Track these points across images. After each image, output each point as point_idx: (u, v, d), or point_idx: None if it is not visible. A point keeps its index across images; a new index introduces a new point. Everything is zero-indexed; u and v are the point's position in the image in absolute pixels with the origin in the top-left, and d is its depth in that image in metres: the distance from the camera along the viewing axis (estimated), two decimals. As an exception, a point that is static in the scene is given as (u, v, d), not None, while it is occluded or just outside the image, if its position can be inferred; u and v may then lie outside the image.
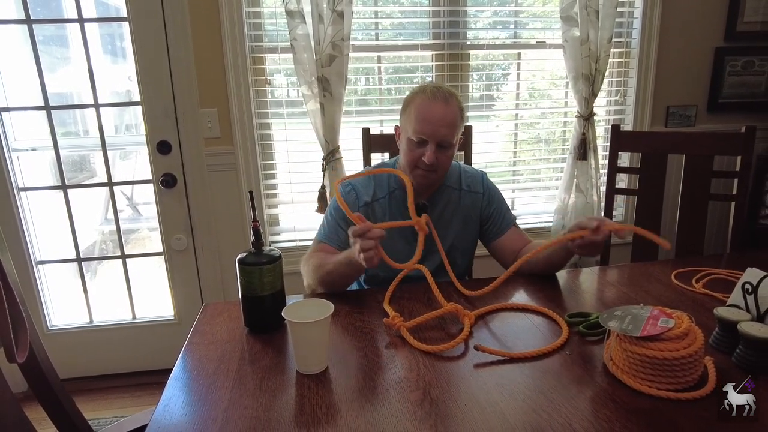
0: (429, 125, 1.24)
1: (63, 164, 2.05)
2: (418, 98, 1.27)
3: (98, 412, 2.08)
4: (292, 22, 1.88)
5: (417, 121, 1.25)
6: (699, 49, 2.33)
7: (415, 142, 1.26)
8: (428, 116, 1.24)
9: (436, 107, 1.24)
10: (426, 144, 1.26)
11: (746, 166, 1.62)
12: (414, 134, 1.26)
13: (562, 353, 0.98)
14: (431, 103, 1.24)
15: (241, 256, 1.06)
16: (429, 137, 1.25)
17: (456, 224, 1.40)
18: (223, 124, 2.06)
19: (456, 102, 1.27)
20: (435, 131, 1.24)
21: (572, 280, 1.35)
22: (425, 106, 1.25)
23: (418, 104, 1.26)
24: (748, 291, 0.95)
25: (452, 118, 1.26)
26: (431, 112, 1.24)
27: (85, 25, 1.91)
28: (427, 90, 1.27)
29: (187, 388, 0.92)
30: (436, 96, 1.25)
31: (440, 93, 1.26)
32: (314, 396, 0.87)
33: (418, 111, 1.25)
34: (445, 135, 1.25)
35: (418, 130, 1.25)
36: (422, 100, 1.26)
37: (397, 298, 1.23)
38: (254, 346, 1.05)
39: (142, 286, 2.27)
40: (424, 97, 1.26)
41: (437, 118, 1.24)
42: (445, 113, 1.25)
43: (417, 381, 0.90)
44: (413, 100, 1.28)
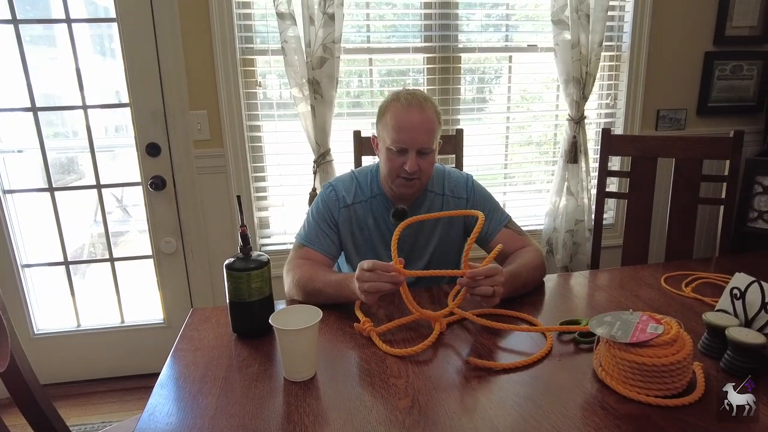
0: (407, 133, 1.22)
1: (51, 166, 2.02)
2: (392, 107, 1.25)
3: (86, 417, 2.06)
4: (282, 24, 1.87)
5: (394, 131, 1.23)
6: (689, 53, 2.35)
7: (394, 151, 1.25)
8: (405, 124, 1.22)
9: (412, 114, 1.23)
10: (406, 152, 1.24)
11: (735, 170, 1.63)
12: (393, 144, 1.24)
13: (552, 359, 0.97)
14: (407, 110, 1.23)
15: (229, 261, 1.05)
16: (408, 145, 1.23)
17: (439, 230, 1.39)
18: (213, 126, 2.04)
19: (431, 106, 1.26)
20: (414, 139, 1.23)
21: (562, 284, 1.35)
22: (401, 114, 1.23)
23: (394, 113, 1.24)
24: (736, 296, 0.95)
25: (429, 123, 1.24)
26: (408, 120, 1.22)
27: (73, 26, 1.89)
28: (401, 97, 1.25)
29: (174, 396, 0.90)
30: (411, 103, 1.23)
31: (415, 100, 1.24)
32: (302, 404, 0.86)
33: (394, 120, 1.23)
34: (424, 142, 1.24)
35: (396, 139, 1.23)
36: (397, 108, 1.24)
37: (387, 303, 1.22)
38: (242, 352, 1.04)
39: (131, 289, 2.24)
40: (398, 105, 1.24)
41: (414, 125, 1.22)
42: (422, 119, 1.23)
43: (406, 388, 0.89)
44: (388, 109, 1.26)
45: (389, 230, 1.35)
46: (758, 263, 1.46)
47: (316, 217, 1.36)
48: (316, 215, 1.36)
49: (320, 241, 1.33)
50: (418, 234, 1.38)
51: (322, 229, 1.34)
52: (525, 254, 1.30)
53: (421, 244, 1.39)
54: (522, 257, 1.28)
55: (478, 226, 1.09)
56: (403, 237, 1.36)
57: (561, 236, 2.29)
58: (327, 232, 1.34)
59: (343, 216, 1.35)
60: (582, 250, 2.31)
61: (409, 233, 1.37)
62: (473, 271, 1.06)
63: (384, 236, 1.36)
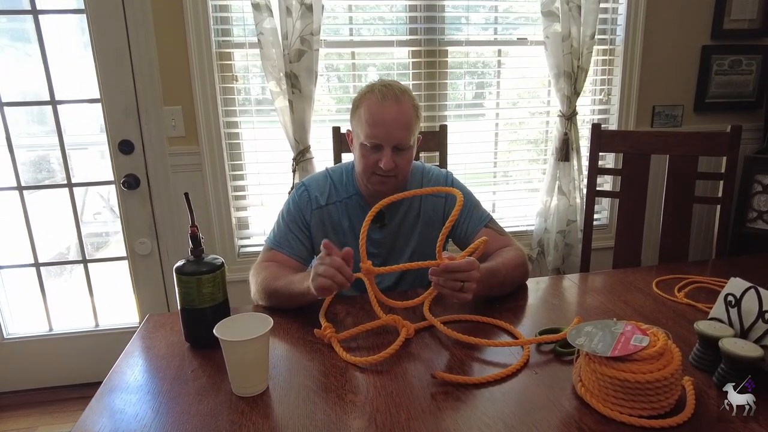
0: (381, 128, 1.14)
1: (25, 165, 1.94)
2: (366, 99, 1.16)
3: (57, 426, 1.97)
4: (258, 15, 1.79)
5: (369, 125, 1.14)
6: (685, 47, 2.26)
7: (369, 147, 1.16)
8: (380, 118, 1.14)
9: (388, 108, 1.14)
10: (381, 149, 1.15)
11: (732, 168, 1.54)
12: (366, 139, 1.15)
13: (528, 373, 0.88)
14: (382, 103, 1.14)
15: (179, 264, 0.97)
16: (383, 141, 1.15)
17: (418, 230, 1.31)
18: (188, 122, 1.96)
19: (409, 99, 1.18)
20: (389, 134, 1.14)
21: (546, 288, 1.26)
22: (375, 107, 1.14)
23: (368, 106, 1.15)
24: (731, 304, 0.86)
25: (406, 118, 1.16)
26: (383, 113, 1.14)
27: (40, 18, 1.81)
28: (375, 89, 1.16)
29: (109, 411, 0.82)
30: (386, 96, 1.14)
31: (390, 92, 1.15)
32: (246, 422, 0.77)
33: (369, 113, 1.14)
34: (401, 138, 1.15)
35: (370, 134, 1.14)
36: (371, 101, 1.15)
37: (357, 309, 1.14)
38: (192, 362, 0.95)
39: (106, 292, 2.16)
40: (372, 97, 1.15)
41: (390, 119, 1.14)
42: (399, 113, 1.14)
43: (363, 406, 0.80)
44: (362, 102, 1.17)
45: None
46: (757, 266, 1.37)
47: (286, 219, 1.28)
48: (286, 217, 1.28)
49: (290, 244, 1.25)
50: (396, 236, 1.30)
51: (293, 232, 1.26)
52: (505, 252, 1.21)
53: (399, 246, 1.31)
54: (502, 255, 1.20)
55: (456, 208, 1.00)
56: (382, 240, 1.29)
57: (552, 237, 2.20)
58: (297, 234, 1.26)
59: (316, 218, 1.27)
60: (574, 251, 2.22)
61: (388, 235, 1.29)
62: (447, 264, 0.98)
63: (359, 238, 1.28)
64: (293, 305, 1.12)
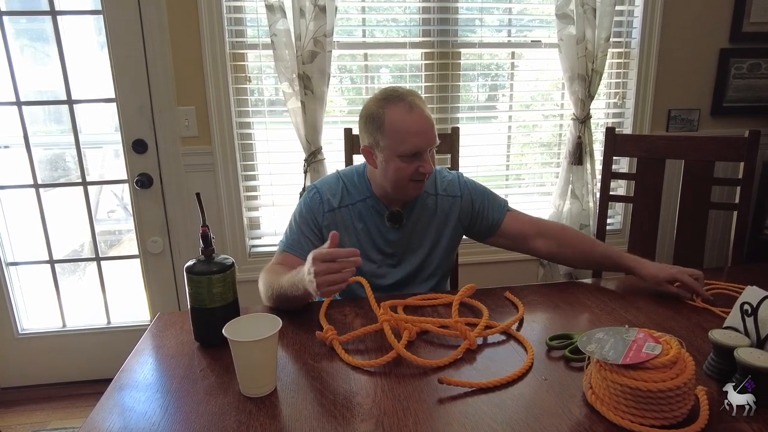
0: (422, 136, 1.16)
1: (42, 163, 1.97)
2: (391, 112, 1.16)
3: (69, 421, 2.00)
4: (272, 16, 1.80)
5: (411, 136, 1.15)
6: (702, 50, 2.22)
7: (408, 157, 1.17)
8: (419, 128, 1.16)
9: (418, 115, 1.16)
10: (419, 155, 1.18)
11: (750, 173, 1.51)
12: (410, 150, 1.16)
13: (537, 379, 0.87)
14: (411, 114, 1.16)
15: (189, 264, 0.97)
16: (425, 147, 1.18)
17: (433, 230, 1.32)
18: (201, 122, 1.97)
19: (424, 102, 1.21)
20: (429, 139, 1.18)
21: (558, 294, 1.24)
22: (408, 118, 1.16)
23: (399, 118, 1.16)
24: (747, 313, 0.85)
25: (432, 120, 1.20)
26: (419, 122, 1.16)
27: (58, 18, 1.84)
28: (393, 100, 1.17)
29: (118, 409, 0.82)
30: (412, 105, 1.17)
31: (411, 99, 1.17)
32: (254, 423, 0.77)
33: (404, 126, 1.15)
34: (435, 139, 1.20)
35: (414, 144, 1.16)
36: (400, 113, 1.16)
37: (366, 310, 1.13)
38: (201, 362, 0.96)
39: (118, 289, 2.18)
40: (397, 109, 1.16)
41: (427, 126, 1.17)
42: (428, 117, 1.18)
43: (371, 409, 0.80)
44: (385, 116, 1.17)
45: (380, 233, 1.28)
46: (775, 274, 1.34)
47: (298, 221, 1.29)
48: (298, 219, 1.29)
49: (302, 246, 1.26)
50: (411, 235, 1.30)
51: (305, 234, 1.26)
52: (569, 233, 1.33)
53: (414, 245, 1.31)
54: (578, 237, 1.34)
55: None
56: (398, 240, 1.30)
57: (564, 241, 2.18)
58: (310, 237, 1.27)
59: (328, 220, 1.27)
60: (587, 256, 2.20)
61: (404, 236, 1.30)
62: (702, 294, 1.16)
63: (374, 240, 1.29)
64: (294, 306, 1.13)
